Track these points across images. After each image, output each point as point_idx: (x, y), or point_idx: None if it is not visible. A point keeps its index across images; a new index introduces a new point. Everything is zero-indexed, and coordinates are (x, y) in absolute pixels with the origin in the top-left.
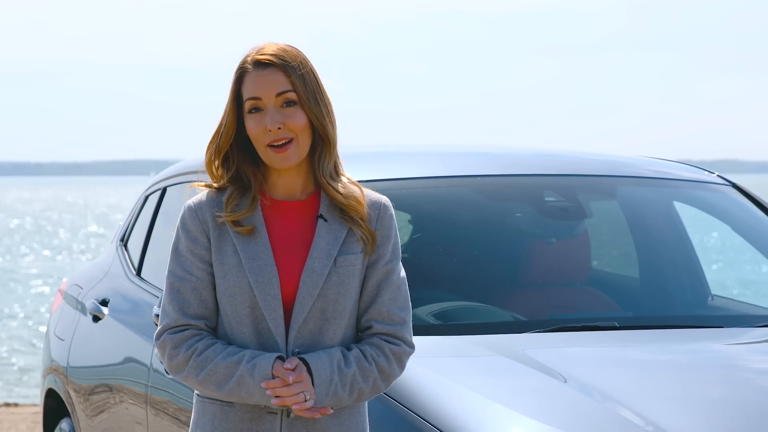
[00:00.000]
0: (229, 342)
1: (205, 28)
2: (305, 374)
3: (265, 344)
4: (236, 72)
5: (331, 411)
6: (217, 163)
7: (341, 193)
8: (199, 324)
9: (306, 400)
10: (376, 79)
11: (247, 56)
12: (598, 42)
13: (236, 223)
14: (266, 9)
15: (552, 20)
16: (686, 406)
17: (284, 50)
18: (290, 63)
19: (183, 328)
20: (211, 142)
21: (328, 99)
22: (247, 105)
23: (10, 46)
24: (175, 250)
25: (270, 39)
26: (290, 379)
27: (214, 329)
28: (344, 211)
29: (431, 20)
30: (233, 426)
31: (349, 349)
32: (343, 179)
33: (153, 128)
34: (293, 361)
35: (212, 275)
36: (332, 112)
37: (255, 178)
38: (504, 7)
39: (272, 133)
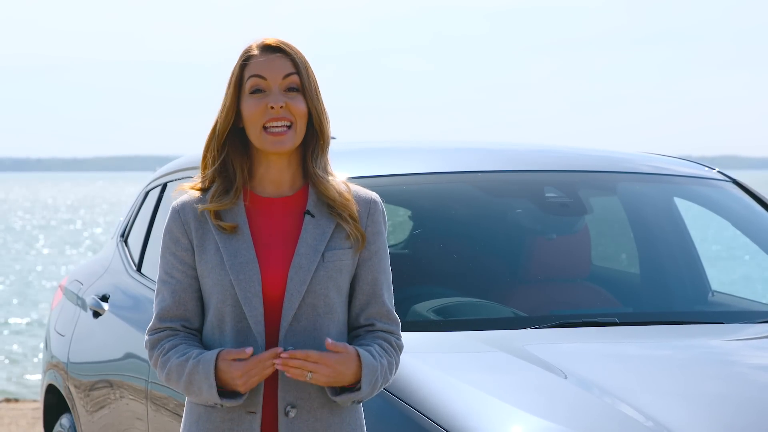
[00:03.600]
0: (210, 341)
1: (203, 24)
2: (331, 360)
3: (244, 342)
4: (240, 57)
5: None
6: (215, 149)
7: (335, 189)
8: (175, 326)
9: (306, 378)
10: (374, 75)
11: (252, 45)
12: (597, 38)
13: (218, 218)
14: (264, 4)
15: (552, 16)
16: (686, 402)
17: (288, 44)
18: (296, 55)
19: (159, 330)
20: (212, 129)
21: (323, 101)
22: (250, 84)
23: (10, 42)
24: (161, 253)
25: (269, 34)
26: (312, 356)
27: (197, 330)
28: (332, 207)
29: (430, 16)
30: (215, 426)
31: (366, 344)
32: (332, 178)
33: (153, 124)
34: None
35: (193, 277)
36: (327, 113)
37: (241, 171)
38: (503, 2)
39: (274, 110)
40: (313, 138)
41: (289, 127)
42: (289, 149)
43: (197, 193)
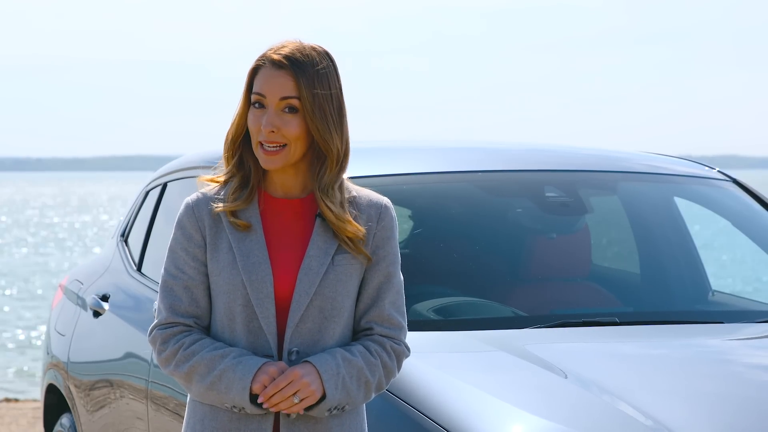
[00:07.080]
0: (221, 340)
1: (204, 23)
2: (298, 371)
3: (256, 343)
4: (253, 64)
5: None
6: (230, 150)
7: (333, 213)
8: (188, 322)
9: (295, 404)
10: (373, 75)
11: (267, 51)
12: (596, 38)
13: (234, 216)
14: (264, 4)
15: (550, 16)
16: (686, 401)
17: (305, 54)
18: (305, 69)
19: (172, 325)
20: (228, 131)
21: (339, 114)
22: (252, 98)
23: (10, 42)
24: (171, 248)
25: (297, 36)
26: (281, 383)
27: (206, 328)
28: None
29: (429, 15)
30: (221, 426)
31: (348, 345)
32: (332, 204)
33: (153, 124)
34: (280, 366)
35: (205, 274)
36: (343, 129)
37: (256, 170)
38: (502, 2)
39: (264, 134)
40: (323, 156)
41: (283, 146)
42: (280, 167)
43: (212, 190)
